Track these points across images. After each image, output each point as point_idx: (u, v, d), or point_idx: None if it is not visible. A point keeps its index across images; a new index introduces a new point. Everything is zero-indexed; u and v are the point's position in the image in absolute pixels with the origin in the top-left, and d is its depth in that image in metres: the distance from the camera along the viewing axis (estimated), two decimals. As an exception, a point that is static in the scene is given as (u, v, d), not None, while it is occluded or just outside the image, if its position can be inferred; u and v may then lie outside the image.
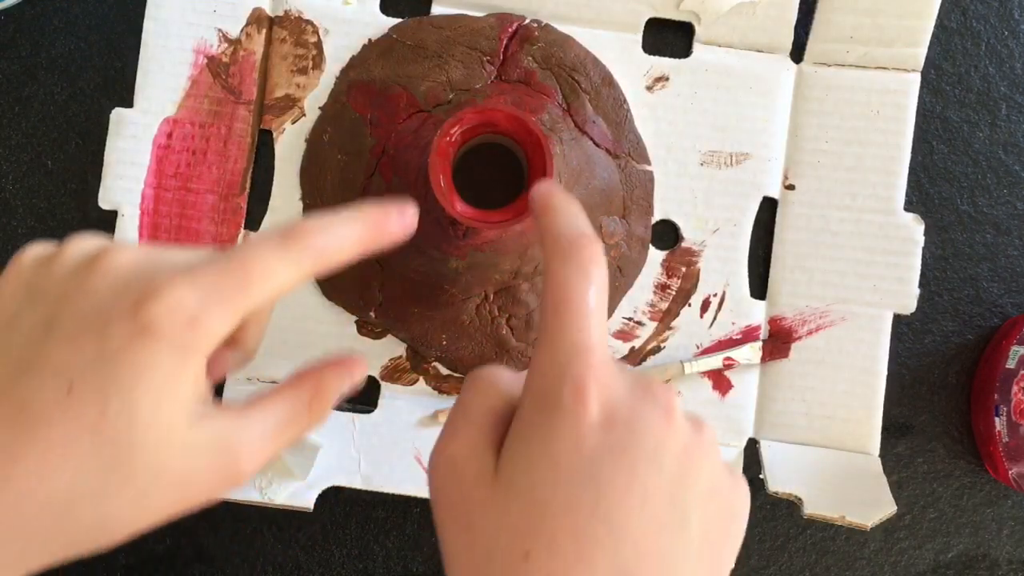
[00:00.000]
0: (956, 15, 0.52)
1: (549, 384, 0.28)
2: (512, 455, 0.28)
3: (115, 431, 0.26)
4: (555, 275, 0.30)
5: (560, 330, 0.29)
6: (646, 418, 0.28)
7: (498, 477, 0.28)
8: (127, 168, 0.49)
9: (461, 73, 0.48)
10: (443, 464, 0.29)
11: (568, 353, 0.28)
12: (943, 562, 0.51)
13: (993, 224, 0.52)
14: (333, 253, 0.30)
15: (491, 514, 0.28)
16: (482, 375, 0.31)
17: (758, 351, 0.49)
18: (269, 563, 0.50)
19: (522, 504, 0.27)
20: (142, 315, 0.27)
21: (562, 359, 0.28)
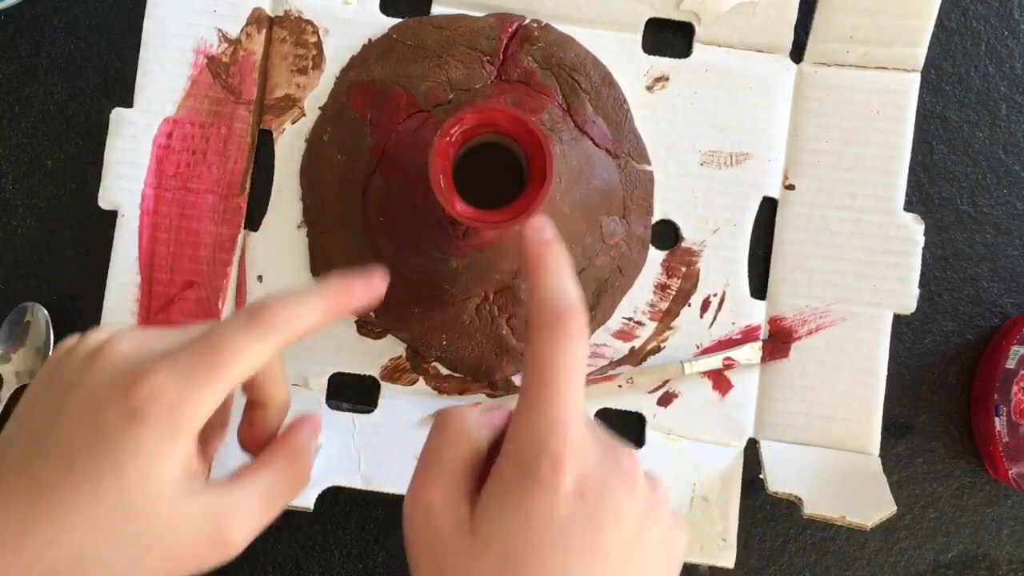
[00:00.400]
0: (956, 15, 0.52)
1: (528, 454, 0.30)
2: (489, 512, 0.31)
3: (110, 504, 0.29)
4: (539, 347, 0.31)
5: (540, 404, 0.31)
6: (613, 488, 0.31)
7: (474, 530, 0.30)
8: (127, 168, 0.49)
9: (461, 73, 0.48)
10: (419, 512, 0.32)
11: (548, 427, 0.30)
12: (943, 562, 0.51)
13: (993, 224, 0.52)
14: (299, 327, 0.32)
15: (464, 564, 0.30)
16: (450, 423, 0.33)
17: (758, 351, 0.49)
18: (269, 563, 0.50)
19: (495, 559, 0.30)
20: (130, 401, 0.30)
21: (542, 432, 0.30)
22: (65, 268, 0.50)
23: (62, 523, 0.29)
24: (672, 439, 0.50)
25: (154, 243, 0.49)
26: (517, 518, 0.30)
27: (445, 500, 0.31)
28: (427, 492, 0.32)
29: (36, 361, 0.49)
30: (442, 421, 0.34)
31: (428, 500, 0.31)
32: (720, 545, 0.48)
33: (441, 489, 0.32)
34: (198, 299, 0.49)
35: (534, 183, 0.41)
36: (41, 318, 0.49)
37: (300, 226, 0.50)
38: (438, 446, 0.33)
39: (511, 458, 0.31)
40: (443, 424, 0.33)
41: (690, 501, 0.48)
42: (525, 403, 0.31)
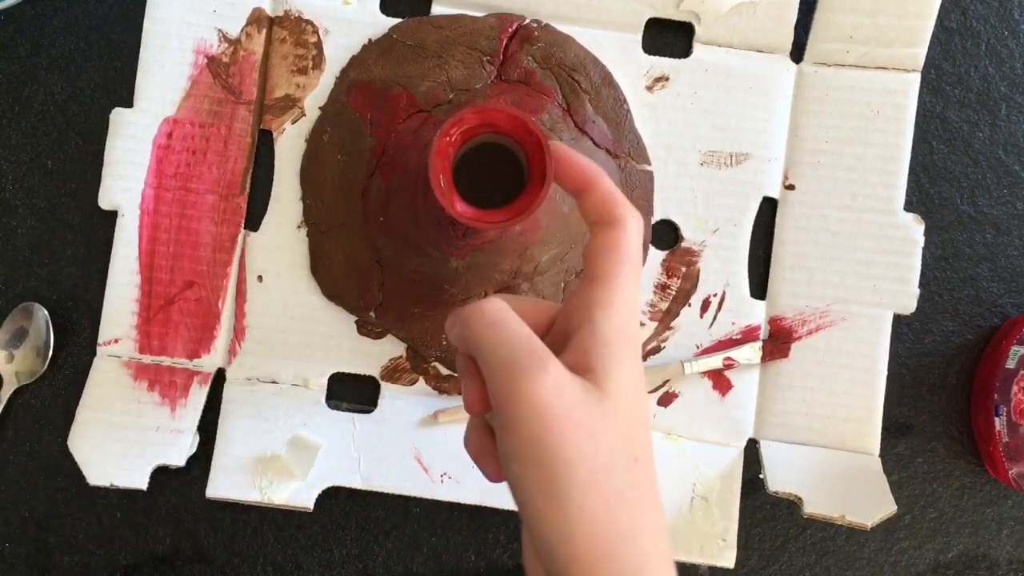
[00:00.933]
0: (956, 15, 0.52)
1: (629, 319, 0.34)
2: (611, 374, 0.33)
3: None
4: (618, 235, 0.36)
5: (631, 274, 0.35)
6: None
7: (607, 394, 0.33)
8: (127, 168, 0.49)
9: (461, 73, 0.48)
10: (551, 386, 0.32)
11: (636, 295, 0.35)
12: (943, 562, 0.51)
13: (993, 224, 0.52)
14: None
15: (610, 424, 0.33)
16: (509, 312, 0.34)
17: (758, 351, 0.49)
18: (269, 563, 0.50)
19: (630, 417, 0.34)
20: None
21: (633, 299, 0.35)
22: (65, 268, 0.50)
23: None
24: (672, 439, 0.50)
25: (154, 243, 0.49)
26: (626, 374, 0.34)
27: (569, 375, 0.33)
28: (550, 369, 0.32)
29: (36, 361, 0.49)
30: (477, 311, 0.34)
31: (557, 375, 0.32)
32: (720, 545, 0.48)
33: (559, 367, 0.33)
34: (198, 299, 0.49)
35: (534, 183, 0.41)
36: (41, 318, 0.49)
37: (300, 226, 0.50)
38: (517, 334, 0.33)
39: (612, 324, 0.34)
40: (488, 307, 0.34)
41: (690, 501, 0.48)
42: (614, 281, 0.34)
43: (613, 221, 0.36)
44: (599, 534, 0.32)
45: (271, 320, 0.49)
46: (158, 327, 0.49)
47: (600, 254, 0.35)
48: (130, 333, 0.49)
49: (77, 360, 0.50)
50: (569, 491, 0.32)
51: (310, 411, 0.49)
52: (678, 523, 0.48)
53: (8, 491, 0.50)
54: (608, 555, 0.32)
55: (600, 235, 0.36)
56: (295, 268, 0.50)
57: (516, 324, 0.34)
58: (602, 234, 0.36)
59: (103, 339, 0.49)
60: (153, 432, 0.47)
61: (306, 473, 0.47)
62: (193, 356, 0.49)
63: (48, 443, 0.50)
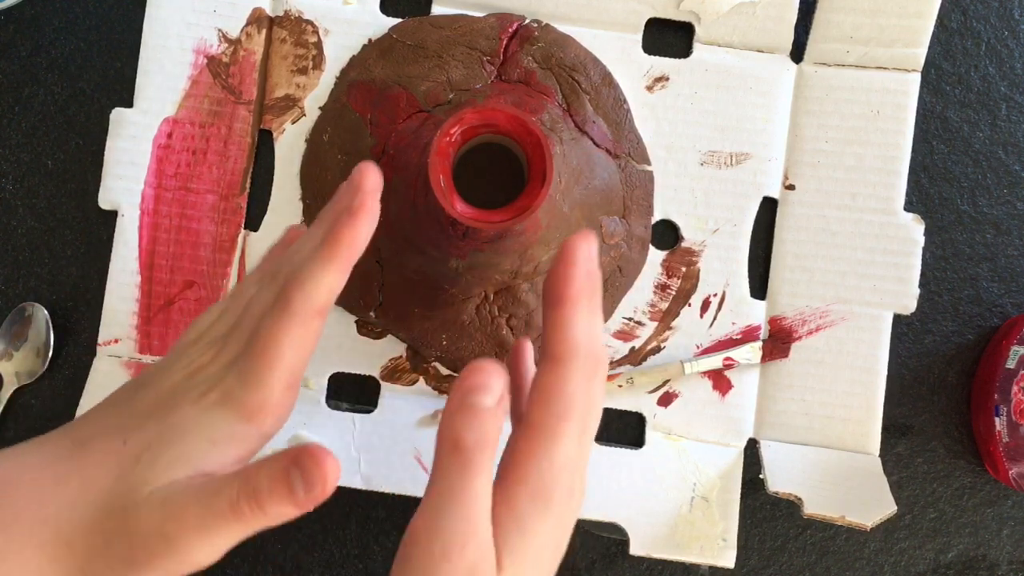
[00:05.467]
0: (956, 15, 0.52)
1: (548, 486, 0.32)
2: (511, 545, 0.32)
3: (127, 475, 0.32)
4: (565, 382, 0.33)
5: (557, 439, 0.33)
6: None
7: (501, 567, 0.32)
8: (127, 168, 0.49)
9: (461, 73, 0.48)
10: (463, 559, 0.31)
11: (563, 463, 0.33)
12: (943, 562, 0.51)
13: (993, 224, 0.52)
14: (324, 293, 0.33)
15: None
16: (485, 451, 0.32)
17: (758, 351, 0.49)
18: (269, 563, 0.50)
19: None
20: None
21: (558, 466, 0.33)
22: (65, 268, 0.50)
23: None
24: (672, 439, 0.50)
25: (154, 243, 0.49)
26: (529, 545, 0.32)
27: (483, 547, 0.32)
28: (470, 540, 0.31)
29: (36, 361, 0.49)
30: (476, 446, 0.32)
31: (473, 547, 0.31)
32: (720, 545, 0.48)
33: (483, 535, 0.32)
34: (198, 299, 0.49)
35: (534, 183, 0.41)
36: (41, 318, 0.49)
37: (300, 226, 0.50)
38: (477, 483, 0.32)
39: (526, 486, 0.32)
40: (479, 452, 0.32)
41: (690, 501, 0.48)
42: (540, 434, 0.32)
43: (553, 358, 0.32)
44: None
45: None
46: (158, 327, 0.49)
47: (535, 397, 0.33)
48: (130, 333, 0.49)
49: (77, 360, 0.50)
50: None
51: (310, 411, 0.49)
52: (678, 523, 0.48)
53: (8, 491, 0.50)
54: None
55: (540, 372, 0.33)
56: (295, 268, 0.49)
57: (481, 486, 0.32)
58: (541, 371, 0.33)
59: (103, 339, 0.49)
60: (153, 432, 0.47)
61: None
62: (193, 356, 0.49)
63: (48, 443, 0.50)
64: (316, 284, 0.33)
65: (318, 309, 0.33)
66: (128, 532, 0.31)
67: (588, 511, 0.48)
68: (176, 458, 0.32)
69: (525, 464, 0.32)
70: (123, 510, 0.31)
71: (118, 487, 0.32)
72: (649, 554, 0.48)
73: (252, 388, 0.32)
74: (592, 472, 0.48)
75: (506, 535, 0.32)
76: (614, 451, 0.49)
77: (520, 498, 0.32)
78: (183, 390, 0.34)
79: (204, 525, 0.31)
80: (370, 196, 0.34)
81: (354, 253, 0.33)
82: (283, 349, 0.32)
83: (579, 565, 0.50)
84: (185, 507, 0.31)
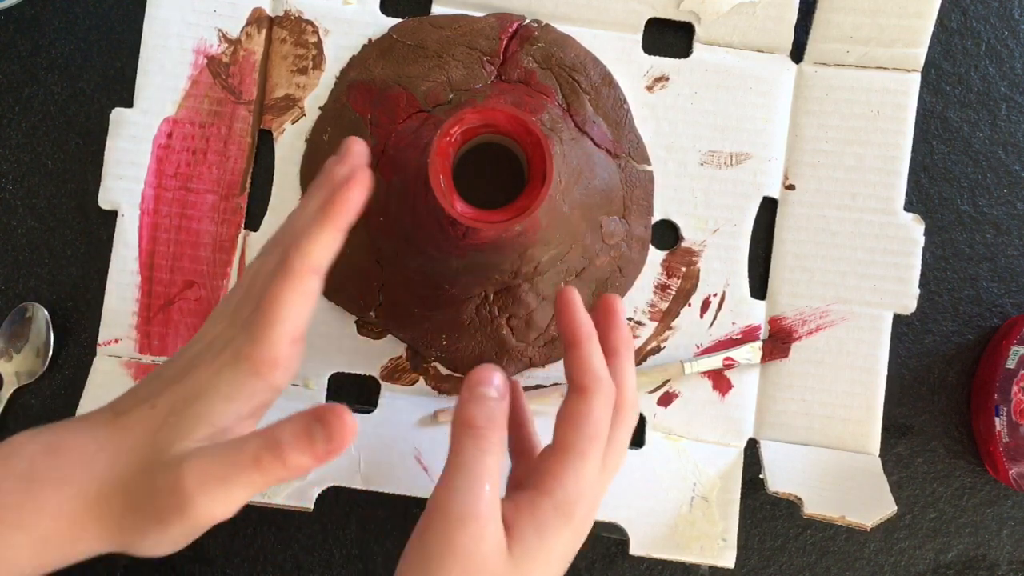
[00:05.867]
0: (956, 15, 0.52)
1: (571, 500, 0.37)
2: (526, 541, 0.36)
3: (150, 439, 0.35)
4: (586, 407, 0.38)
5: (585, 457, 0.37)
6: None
7: (512, 554, 0.36)
8: (127, 168, 0.49)
9: (461, 73, 0.48)
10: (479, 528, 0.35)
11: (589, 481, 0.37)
12: (943, 562, 0.51)
13: (993, 224, 0.52)
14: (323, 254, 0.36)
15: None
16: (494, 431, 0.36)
17: (758, 351, 0.49)
18: (269, 563, 0.50)
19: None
20: None
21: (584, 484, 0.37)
22: (65, 268, 0.50)
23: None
24: (672, 439, 0.50)
25: (154, 243, 0.49)
26: (545, 549, 0.36)
27: (495, 520, 0.35)
28: (487, 512, 0.35)
29: (36, 361, 0.49)
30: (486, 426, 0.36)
31: (486, 519, 0.35)
32: (720, 545, 0.48)
33: (496, 512, 0.35)
34: (198, 299, 0.49)
35: (534, 183, 0.41)
36: (41, 318, 0.49)
37: (300, 226, 0.50)
38: (488, 458, 0.36)
39: (552, 498, 0.36)
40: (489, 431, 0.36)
41: (690, 501, 0.48)
42: (569, 453, 0.37)
43: (580, 389, 0.37)
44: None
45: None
46: (158, 327, 0.49)
47: (564, 421, 0.38)
48: (130, 333, 0.49)
49: (77, 360, 0.50)
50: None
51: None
52: (678, 523, 0.48)
53: (8, 491, 0.50)
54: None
55: (568, 401, 0.38)
56: (295, 268, 0.49)
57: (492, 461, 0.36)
58: (570, 401, 0.38)
59: (103, 339, 0.49)
60: (153, 432, 0.47)
61: (306, 473, 0.47)
62: (193, 356, 0.49)
63: (48, 443, 0.50)
64: (313, 244, 0.36)
65: (314, 268, 0.36)
66: (154, 488, 0.34)
67: (588, 511, 0.48)
68: (196, 416, 0.35)
69: (553, 479, 0.36)
70: (150, 468, 0.34)
71: (148, 448, 0.35)
72: (649, 554, 0.48)
73: (259, 343, 0.35)
74: (592, 472, 0.49)
75: (523, 533, 0.36)
76: (614, 451, 0.49)
77: (545, 507, 0.36)
78: (201, 356, 0.37)
79: (225, 476, 0.33)
80: (360, 166, 0.38)
81: (348, 217, 0.36)
82: (284, 305, 0.35)
83: (579, 565, 0.50)
84: (208, 461, 0.33)
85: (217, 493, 0.33)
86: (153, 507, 0.34)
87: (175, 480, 0.33)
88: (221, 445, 0.34)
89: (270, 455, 0.33)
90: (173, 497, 0.33)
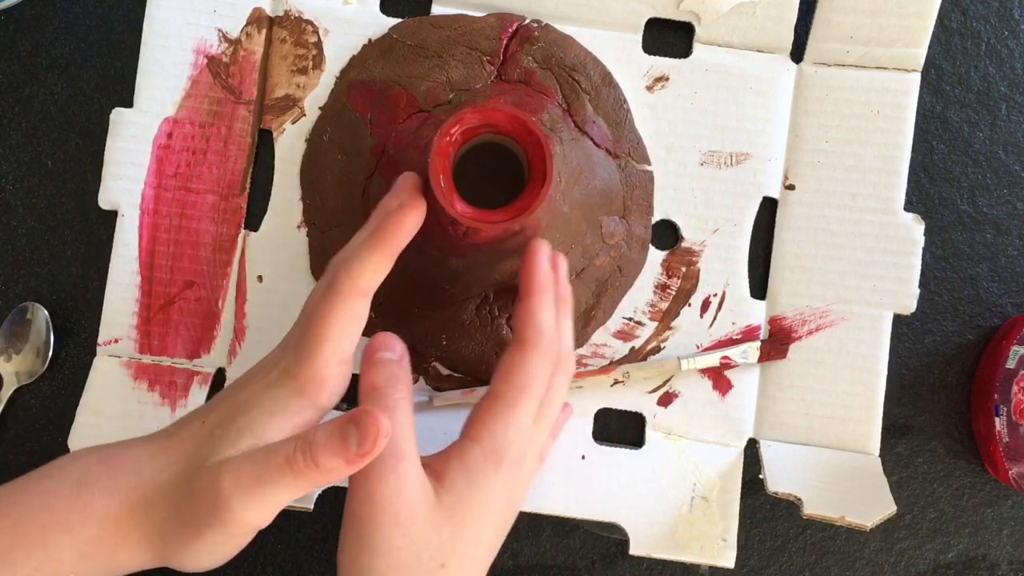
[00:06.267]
0: (956, 15, 0.52)
1: (499, 447, 0.37)
2: (456, 488, 0.37)
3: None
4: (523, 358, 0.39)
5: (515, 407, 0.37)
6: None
7: (440, 502, 0.36)
8: (127, 168, 0.49)
9: (461, 73, 0.48)
10: (397, 479, 0.35)
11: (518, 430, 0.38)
12: (943, 562, 0.51)
13: (993, 224, 0.52)
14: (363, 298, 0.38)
15: (428, 528, 0.36)
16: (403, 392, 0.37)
17: (756, 351, 0.49)
18: (269, 563, 0.50)
19: (452, 527, 0.36)
20: None
21: (513, 432, 0.37)
22: (65, 268, 0.50)
23: None
24: (672, 439, 0.50)
25: (154, 243, 0.49)
26: (476, 495, 0.37)
27: (419, 473, 0.36)
28: (403, 463, 0.36)
29: (36, 361, 0.49)
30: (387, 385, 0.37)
31: (406, 469, 0.35)
32: (720, 545, 0.48)
33: (415, 463, 0.36)
34: (198, 299, 0.49)
35: (534, 183, 0.41)
36: (41, 318, 0.49)
37: (300, 226, 0.50)
38: (403, 418, 0.36)
39: (480, 445, 0.37)
40: (391, 388, 0.37)
41: (690, 501, 0.48)
42: (500, 402, 0.37)
43: (520, 340, 0.38)
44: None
45: (271, 320, 0.49)
46: (158, 327, 0.49)
47: (500, 372, 0.38)
48: (130, 333, 0.49)
49: (77, 360, 0.50)
50: (367, 572, 0.36)
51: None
52: (678, 523, 0.48)
53: (8, 491, 0.50)
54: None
55: (507, 352, 0.39)
56: (295, 268, 0.50)
57: (401, 416, 0.36)
58: (509, 351, 0.38)
59: (103, 339, 0.49)
60: (153, 432, 0.47)
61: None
62: (193, 356, 0.49)
63: (48, 443, 0.50)
64: (362, 267, 0.37)
65: (362, 290, 0.37)
66: (193, 493, 0.34)
67: (588, 511, 0.48)
68: (240, 429, 0.36)
69: (482, 426, 0.37)
70: (191, 475, 0.35)
71: (192, 457, 0.36)
72: (649, 554, 0.48)
73: (305, 363, 0.36)
74: (592, 472, 0.49)
75: (452, 480, 0.37)
76: (614, 451, 0.49)
77: (473, 453, 0.37)
78: (252, 376, 0.38)
79: (260, 478, 0.34)
80: (412, 196, 0.39)
81: (397, 243, 0.38)
82: (330, 326, 0.36)
83: (579, 565, 0.50)
84: (243, 463, 0.34)
85: (253, 496, 0.34)
86: (191, 512, 0.34)
87: (211, 483, 0.34)
88: (258, 449, 0.35)
89: (303, 457, 0.33)
90: (209, 500, 0.34)
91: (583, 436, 0.49)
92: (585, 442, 0.49)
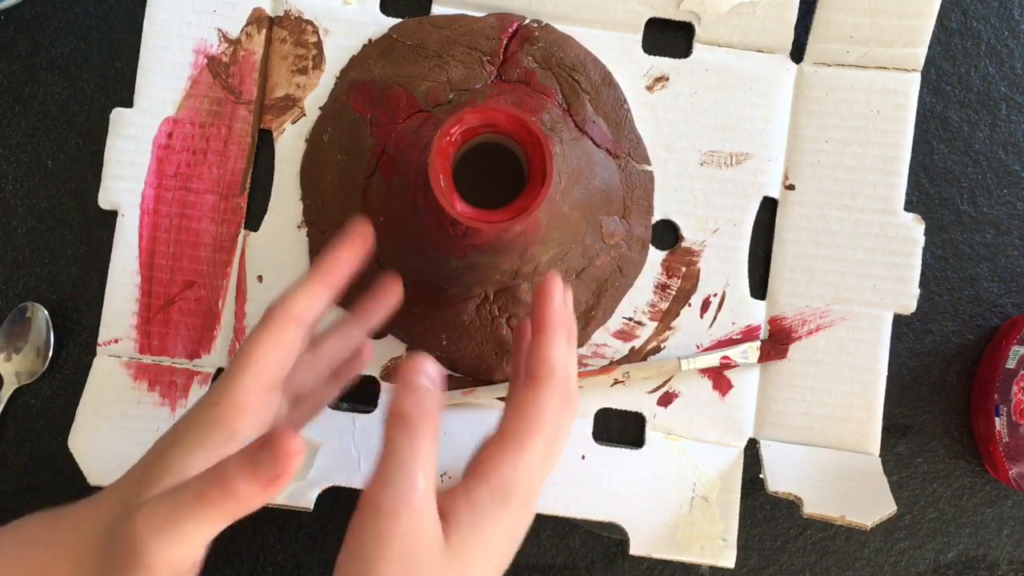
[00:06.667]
0: (956, 15, 0.52)
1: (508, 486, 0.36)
2: (462, 528, 0.35)
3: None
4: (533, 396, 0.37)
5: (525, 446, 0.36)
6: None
7: (448, 543, 0.35)
8: (127, 168, 0.49)
9: (461, 73, 0.48)
10: (411, 518, 0.34)
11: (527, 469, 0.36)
12: (943, 562, 0.51)
13: (993, 224, 0.52)
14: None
15: (435, 571, 0.34)
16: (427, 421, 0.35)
17: (756, 351, 0.49)
18: (269, 563, 0.50)
19: (458, 570, 0.34)
20: None
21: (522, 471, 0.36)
22: (65, 268, 0.50)
23: None
24: (672, 439, 0.50)
25: (154, 243, 0.49)
26: (482, 535, 0.35)
27: (430, 511, 0.34)
28: (416, 499, 0.34)
29: (36, 361, 0.49)
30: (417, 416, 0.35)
31: (420, 508, 0.34)
32: (720, 545, 0.48)
33: (428, 498, 0.34)
34: (198, 299, 0.49)
35: (534, 183, 0.41)
36: (41, 318, 0.49)
37: (300, 226, 0.50)
38: (420, 448, 0.34)
39: (488, 483, 0.36)
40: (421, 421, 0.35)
41: (690, 501, 0.48)
42: (511, 441, 0.36)
43: (532, 378, 0.37)
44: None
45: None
46: (158, 327, 0.49)
47: (511, 409, 0.37)
48: (130, 333, 0.49)
49: (77, 360, 0.50)
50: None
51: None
52: (678, 523, 0.48)
53: (8, 491, 0.50)
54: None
55: (517, 389, 0.37)
56: (295, 268, 0.50)
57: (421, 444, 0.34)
58: (519, 389, 0.37)
59: (103, 339, 0.49)
60: (153, 432, 0.47)
61: (306, 473, 0.47)
62: (193, 356, 0.49)
63: (48, 443, 0.50)
64: (295, 295, 0.37)
65: (294, 316, 0.37)
66: (115, 543, 0.33)
67: (588, 511, 0.48)
68: (162, 467, 0.35)
69: (491, 464, 0.36)
70: (115, 523, 0.34)
71: (120, 504, 0.35)
72: (649, 554, 0.48)
73: (224, 390, 0.36)
74: (592, 472, 0.49)
75: (459, 518, 0.35)
76: (614, 451, 0.49)
77: (480, 491, 0.35)
78: (184, 415, 0.37)
79: (173, 518, 0.32)
80: (357, 234, 0.40)
81: (336, 274, 0.38)
82: (255, 350, 0.36)
83: (579, 565, 0.50)
84: (156, 507, 0.33)
85: (168, 534, 0.32)
86: (113, 561, 0.33)
87: (128, 529, 0.33)
88: (171, 488, 0.33)
89: (215, 487, 0.32)
90: (128, 546, 0.32)
91: (583, 436, 0.49)
92: (585, 442, 0.49)
